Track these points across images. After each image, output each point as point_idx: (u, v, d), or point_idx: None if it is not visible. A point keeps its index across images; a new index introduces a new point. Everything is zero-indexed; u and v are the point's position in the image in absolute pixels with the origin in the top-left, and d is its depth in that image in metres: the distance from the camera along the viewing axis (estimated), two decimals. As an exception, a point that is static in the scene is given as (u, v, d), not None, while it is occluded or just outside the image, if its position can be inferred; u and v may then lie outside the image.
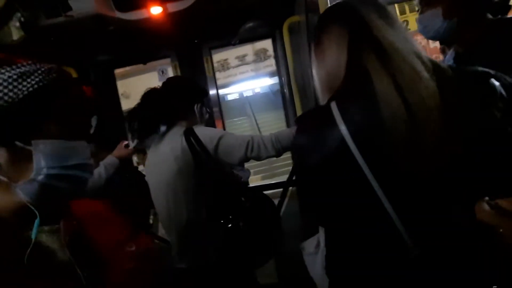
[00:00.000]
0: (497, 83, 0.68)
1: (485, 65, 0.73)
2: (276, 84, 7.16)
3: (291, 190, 1.70)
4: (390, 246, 0.72)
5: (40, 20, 1.74)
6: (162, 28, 2.08)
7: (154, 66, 3.07)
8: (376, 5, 0.77)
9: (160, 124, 1.43)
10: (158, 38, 2.26)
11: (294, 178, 1.51)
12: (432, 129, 0.64)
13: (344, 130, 0.68)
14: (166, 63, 2.88)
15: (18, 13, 1.59)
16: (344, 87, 0.75)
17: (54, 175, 0.56)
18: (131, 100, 3.30)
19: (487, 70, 0.71)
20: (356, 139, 0.68)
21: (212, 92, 2.64)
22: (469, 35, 1.11)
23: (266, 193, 1.55)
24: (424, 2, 1.16)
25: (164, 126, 1.44)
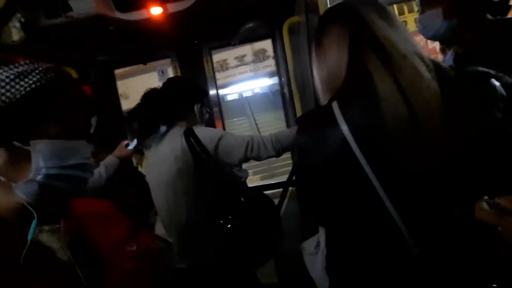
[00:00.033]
0: (497, 83, 0.69)
1: (485, 65, 0.73)
2: (275, 84, 7.17)
3: (291, 190, 1.70)
4: (391, 245, 0.72)
5: (40, 21, 1.75)
6: (162, 28, 2.08)
7: (153, 67, 3.07)
8: (376, 5, 0.77)
9: (160, 124, 1.43)
10: (158, 38, 2.26)
11: (294, 178, 1.51)
12: (433, 129, 0.64)
13: (345, 129, 0.68)
14: (166, 64, 2.88)
15: (18, 14, 1.59)
16: (345, 87, 0.75)
17: (53, 175, 0.56)
18: (130, 100, 3.30)
19: (487, 70, 0.71)
20: (358, 138, 0.68)
21: (212, 92, 2.64)
22: (469, 35, 1.11)
23: (266, 193, 1.55)
24: (424, 2, 1.17)
25: (164, 126, 1.44)
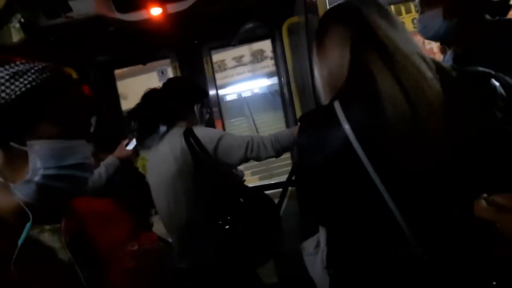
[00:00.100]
0: (497, 83, 0.69)
1: (485, 65, 0.74)
2: (274, 84, 7.16)
3: (290, 190, 1.70)
4: (393, 244, 0.72)
5: (40, 21, 1.75)
6: (162, 28, 2.08)
7: (151, 67, 3.07)
8: (377, 5, 0.77)
9: (159, 124, 1.43)
10: (158, 38, 2.26)
11: (293, 178, 1.51)
12: (435, 129, 0.64)
13: (347, 129, 0.68)
14: (166, 64, 2.89)
15: (18, 14, 1.59)
16: (347, 86, 0.75)
17: (51, 175, 0.56)
18: (129, 101, 3.30)
19: (487, 70, 0.71)
20: (360, 137, 0.68)
21: (212, 92, 2.64)
22: (468, 35, 1.11)
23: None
24: (424, 2, 1.17)
25: (164, 127, 1.44)
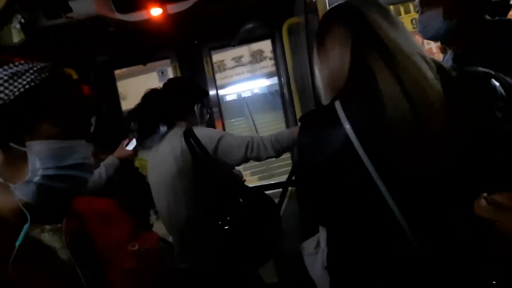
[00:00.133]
0: (497, 84, 0.69)
1: (484, 66, 0.74)
2: (273, 85, 7.16)
3: (290, 190, 1.70)
4: (393, 244, 0.72)
5: (41, 22, 1.75)
6: (162, 29, 2.08)
7: (151, 68, 3.07)
8: (378, 5, 0.77)
9: (160, 124, 1.44)
10: (158, 39, 2.26)
11: (293, 178, 1.51)
12: (436, 129, 0.64)
13: (348, 128, 0.68)
14: (166, 64, 2.89)
15: (19, 15, 1.59)
16: (347, 86, 0.75)
17: (51, 176, 0.56)
18: (128, 101, 3.30)
19: (487, 70, 0.72)
20: (361, 137, 0.68)
21: (212, 92, 2.64)
22: (468, 35, 1.11)
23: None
24: (424, 3, 1.17)
25: (164, 127, 1.44)
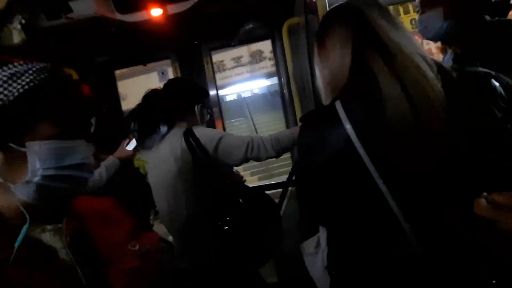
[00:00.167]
0: (497, 84, 0.69)
1: (484, 66, 0.74)
2: (273, 85, 7.16)
3: (290, 190, 1.70)
4: (394, 244, 0.72)
5: (41, 22, 1.75)
6: (162, 29, 2.09)
7: (151, 68, 3.08)
8: (378, 6, 0.77)
9: (160, 124, 1.44)
10: (158, 39, 2.27)
11: (293, 178, 1.51)
12: (436, 129, 0.64)
13: (349, 128, 0.68)
14: (166, 64, 2.89)
15: (19, 16, 1.60)
16: (348, 86, 0.75)
17: (51, 176, 0.56)
18: (128, 101, 3.30)
19: (487, 70, 0.72)
20: (362, 137, 0.68)
21: (212, 92, 2.65)
22: (468, 35, 1.11)
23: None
24: (424, 3, 1.17)
25: (164, 127, 1.44)
